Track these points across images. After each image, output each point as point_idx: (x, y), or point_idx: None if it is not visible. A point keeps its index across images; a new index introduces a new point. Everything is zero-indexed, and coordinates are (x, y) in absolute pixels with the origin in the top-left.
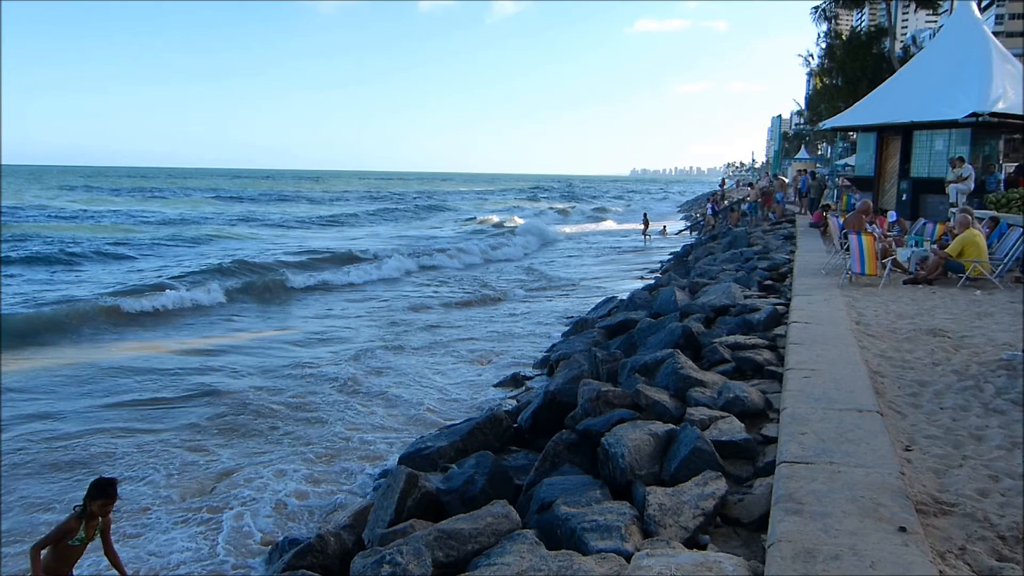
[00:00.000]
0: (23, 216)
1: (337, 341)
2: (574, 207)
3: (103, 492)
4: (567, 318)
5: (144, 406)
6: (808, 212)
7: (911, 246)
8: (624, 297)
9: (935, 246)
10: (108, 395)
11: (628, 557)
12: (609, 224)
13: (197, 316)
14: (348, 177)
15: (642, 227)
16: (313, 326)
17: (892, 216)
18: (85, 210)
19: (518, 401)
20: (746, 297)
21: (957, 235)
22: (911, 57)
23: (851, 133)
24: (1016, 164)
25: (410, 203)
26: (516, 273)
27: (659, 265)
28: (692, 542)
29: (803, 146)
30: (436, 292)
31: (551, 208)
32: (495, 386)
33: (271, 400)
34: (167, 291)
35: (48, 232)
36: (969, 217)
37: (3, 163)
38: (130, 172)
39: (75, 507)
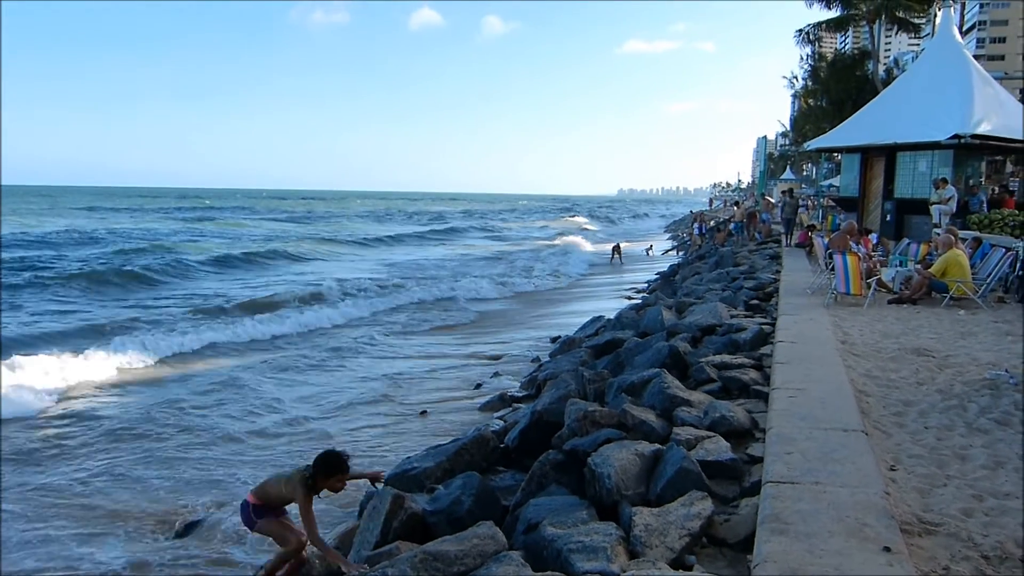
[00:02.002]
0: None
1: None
2: (597, 228)
3: (343, 467)
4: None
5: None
6: (786, 235)
7: (895, 266)
8: (613, 316)
9: (919, 266)
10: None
11: None
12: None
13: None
14: (348, 197)
15: (611, 250)
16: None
17: (874, 238)
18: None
19: (505, 421)
20: (732, 316)
21: (941, 255)
22: (894, 79)
23: (836, 154)
24: (998, 185)
25: (459, 223)
26: None
27: (646, 284)
28: (678, 563)
29: (788, 166)
30: None
31: (586, 228)
32: (479, 409)
33: (265, 415)
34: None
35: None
36: (952, 237)
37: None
38: (128, 192)
39: (305, 478)
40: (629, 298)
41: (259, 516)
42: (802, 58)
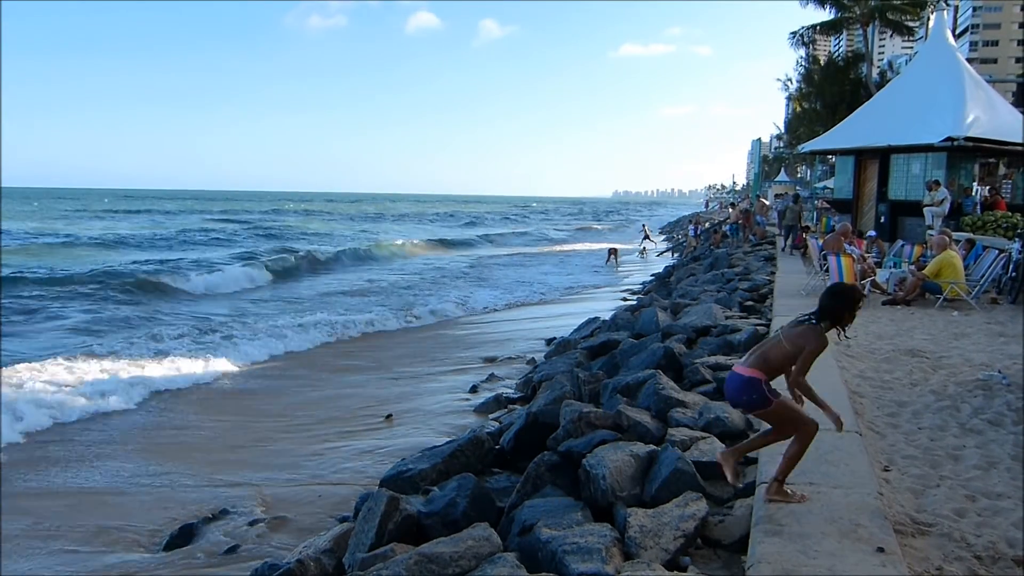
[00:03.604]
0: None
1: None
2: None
3: (861, 297)
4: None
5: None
6: (785, 238)
7: (889, 267)
8: (607, 317)
9: (913, 267)
10: None
11: None
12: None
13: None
14: (361, 200)
15: (608, 254)
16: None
17: (872, 233)
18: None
19: (500, 422)
20: (727, 318)
21: (935, 256)
22: (887, 82)
23: (830, 156)
24: (990, 187)
25: (523, 226)
26: None
27: (641, 286)
28: (673, 564)
29: (783, 169)
30: None
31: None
32: (475, 411)
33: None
34: None
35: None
36: (947, 239)
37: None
38: (129, 194)
39: (810, 321)
40: (625, 299)
41: (772, 393)
42: (798, 61)
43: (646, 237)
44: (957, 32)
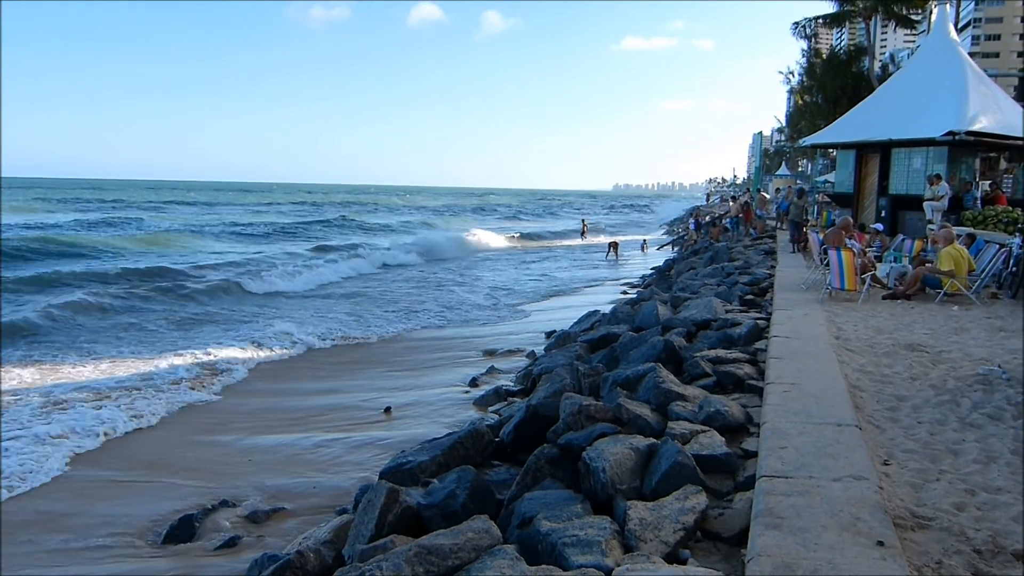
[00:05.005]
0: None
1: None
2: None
3: None
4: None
5: None
6: (791, 235)
7: (890, 262)
8: (606, 311)
9: (931, 263)
10: None
11: (609, 572)
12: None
13: None
14: (367, 191)
15: (608, 247)
16: None
17: (878, 227)
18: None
19: (500, 415)
20: (727, 311)
21: (941, 249)
22: (889, 76)
23: (831, 150)
24: (991, 182)
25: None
26: None
27: (641, 279)
28: (672, 557)
29: (784, 163)
30: None
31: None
32: (474, 404)
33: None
34: None
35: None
36: (952, 232)
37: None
38: (156, 184)
39: None
40: (625, 292)
41: None
42: (802, 52)
43: (583, 234)
44: (959, 26)
